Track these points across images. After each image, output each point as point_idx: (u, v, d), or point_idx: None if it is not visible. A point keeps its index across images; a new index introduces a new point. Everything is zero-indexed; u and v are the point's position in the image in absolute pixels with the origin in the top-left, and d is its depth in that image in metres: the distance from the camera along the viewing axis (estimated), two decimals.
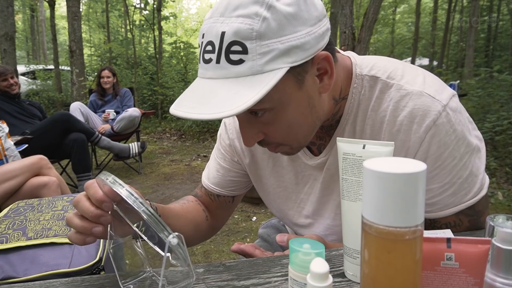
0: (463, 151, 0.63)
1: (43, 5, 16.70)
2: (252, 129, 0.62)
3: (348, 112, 0.68)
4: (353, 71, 0.68)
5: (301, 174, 0.78)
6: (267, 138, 0.63)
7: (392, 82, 0.65)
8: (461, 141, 0.63)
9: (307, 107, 0.61)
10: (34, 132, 3.01)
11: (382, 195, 0.37)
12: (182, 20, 21.72)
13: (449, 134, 0.62)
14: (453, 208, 0.66)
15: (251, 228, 2.72)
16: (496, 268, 0.43)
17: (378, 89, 0.66)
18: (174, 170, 4.42)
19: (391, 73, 0.66)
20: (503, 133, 4.25)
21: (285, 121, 0.60)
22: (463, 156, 0.63)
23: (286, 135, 0.62)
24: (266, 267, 0.59)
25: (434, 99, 0.62)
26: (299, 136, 0.64)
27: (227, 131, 0.84)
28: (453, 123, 0.62)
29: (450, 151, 0.62)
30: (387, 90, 0.65)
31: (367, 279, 0.40)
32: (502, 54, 9.68)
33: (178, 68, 9.04)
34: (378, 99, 0.66)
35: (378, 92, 0.66)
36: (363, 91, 0.67)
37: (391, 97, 0.64)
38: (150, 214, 0.47)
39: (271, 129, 0.61)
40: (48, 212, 1.24)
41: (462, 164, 0.63)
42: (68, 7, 6.75)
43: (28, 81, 9.47)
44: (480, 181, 0.66)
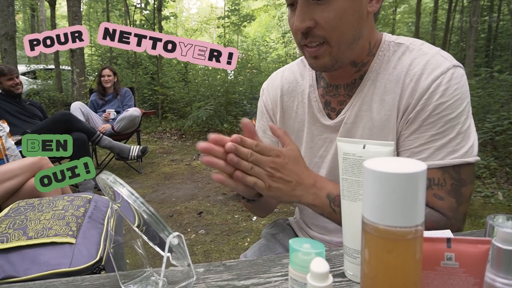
0: (462, 110, 0.69)
1: (44, 4, 16.70)
2: (307, 13, 0.69)
3: (371, 70, 0.77)
4: (383, 38, 0.79)
5: (317, 138, 0.84)
6: (317, 27, 0.70)
7: (413, 47, 0.75)
8: (462, 99, 0.70)
9: (357, 13, 0.70)
10: (35, 131, 3.02)
11: (382, 195, 0.37)
12: (183, 20, 21.73)
13: (453, 88, 0.69)
14: (439, 161, 0.70)
15: (251, 228, 2.72)
16: (496, 268, 0.43)
17: (401, 52, 0.76)
18: (175, 169, 4.42)
19: (413, 42, 0.76)
20: (503, 133, 4.25)
21: (338, 12, 0.68)
22: (461, 113, 0.69)
23: (334, 27, 0.69)
24: (266, 267, 0.59)
25: (446, 59, 0.71)
26: (342, 38, 0.71)
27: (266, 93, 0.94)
28: (459, 81, 0.69)
29: (450, 103, 0.69)
30: (407, 52, 0.75)
31: (367, 279, 0.40)
32: (503, 54, 9.67)
33: (179, 68, 9.04)
34: (399, 60, 0.75)
35: (400, 54, 0.75)
36: (388, 53, 0.77)
37: (411, 56, 0.74)
38: (150, 214, 0.47)
39: (324, 16, 0.69)
40: (48, 212, 1.24)
41: (457, 119, 0.69)
42: (69, 7, 6.75)
43: (28, 80, 9.47)
44: (469, 146, 0.70)
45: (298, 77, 0.89)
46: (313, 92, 0.85)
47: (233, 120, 6.85)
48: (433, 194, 0.70)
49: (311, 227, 0.94)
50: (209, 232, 2.66)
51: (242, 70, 8.63)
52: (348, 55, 0.74)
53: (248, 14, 11.36)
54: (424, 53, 0.72)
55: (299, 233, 0.99)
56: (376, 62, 0.77)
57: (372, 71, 0.77)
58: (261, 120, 0.96)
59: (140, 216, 0.50)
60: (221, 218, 2.91)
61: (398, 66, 0.74)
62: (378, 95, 0.75)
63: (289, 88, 0.90)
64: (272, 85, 0.93)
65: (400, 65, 0.74)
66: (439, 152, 0.70)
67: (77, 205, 1.32)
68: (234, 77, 8.40)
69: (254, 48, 11.86)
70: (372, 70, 0.77)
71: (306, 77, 0.88)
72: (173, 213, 3.01)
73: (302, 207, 0.93)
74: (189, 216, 2.96)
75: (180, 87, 8.04)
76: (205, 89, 7.58)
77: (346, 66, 0.77)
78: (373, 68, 0.77)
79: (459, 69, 0.70)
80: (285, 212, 3.04)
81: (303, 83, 0.88)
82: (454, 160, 0.69)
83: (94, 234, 1.19)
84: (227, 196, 3.43)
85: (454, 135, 0.69)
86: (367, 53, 0.77)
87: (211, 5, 19.14)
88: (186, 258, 0.49)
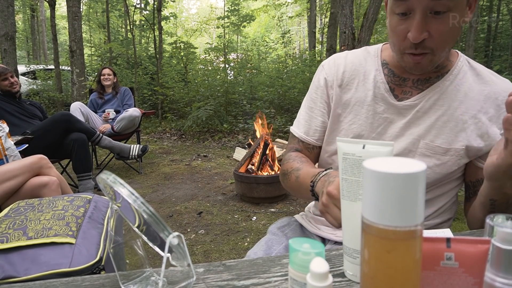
0: None
1: (44, 5, 16.70)
2: (424, 26, 0.75)
3: (452, 73, 0.86)
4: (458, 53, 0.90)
5: (378, 116, 0.89)
6: (429, 39, 0.77)
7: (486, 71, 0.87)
8: None
9: (459, 22, 0.76)
10: (34, 132, 3.01)
11: (382, 195, 0.37)
12: (182, 20, 21.73)
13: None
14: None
15: (251, 228, 2.73)
16: (495, 267, 0.43)
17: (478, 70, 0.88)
18: (174, 170, 4.42)
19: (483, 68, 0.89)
20: None
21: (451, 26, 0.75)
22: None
23: (445, 40, 0.77)
24: (266, 267, 0.59)
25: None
26: (446, 46, 0.79)
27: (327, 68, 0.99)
28: None
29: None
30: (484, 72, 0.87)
31: (367, 279, 0.40)
32: (502, 54, 9.66)
33: (178, 68, 9.04)
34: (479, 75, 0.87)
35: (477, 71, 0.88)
36: (465, 66, 0.87)
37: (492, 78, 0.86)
38: (150, 214, 0.47)
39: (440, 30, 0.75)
40: (48, 212, 1.24)
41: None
42: (69, 7, 6.75)
43: (28, 81, 9.47)
44: None
45: (362, 60, 0.96)
46: (379, 75, 0.91)
47: (232, 120, 6.85)
48: None
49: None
50: (209, 232, 2.66)
51: (241, 70, 8.64)
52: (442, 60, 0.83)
53: (248, 14, 11.36)
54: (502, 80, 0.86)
55: (308, 226, 1.00)
56: (456, 69, 0.86)
57: (452, 74, 0.86)
58: (315, 94, 1.01)
59: (140, 216, 0.50)
60: (221, 218, 2.91)
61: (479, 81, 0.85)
62: (459, 97, 0.84)
63: (352, 67, 0.96)
64: (334, 62, 0.99)
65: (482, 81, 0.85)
66: None
67: (77, 205, 1.32)
68: (233, 77, 8.40)
69: (253, 48, 11.87)
70: (453, 73, 0.86)
71: (370, 62, 0.95)
72: (173, 213, 3.01)
73: None
74: (189, 216, 2.96)
75: (179, 87, 8.04)
76: (204, 89, 7.59)
77: None
78: (453, 72, 0.86)
79: None
80: (285, 212, 3.04)
81: (367, 66, 0.94)
82: None
83: (94, 234, 1.19)
84: (227, 196, 3.43)
85: None
86: (446, 57, 0.85)
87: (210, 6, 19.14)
88: (186, 258, 0.49)
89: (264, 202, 3.19)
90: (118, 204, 0.53)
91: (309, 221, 1.01)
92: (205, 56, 10.06)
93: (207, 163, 4.76)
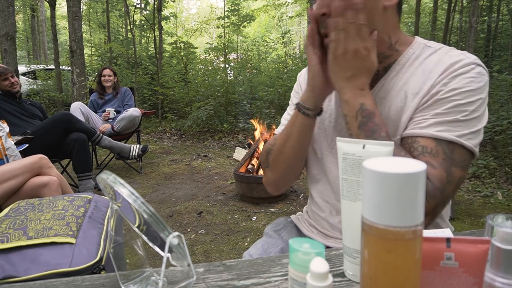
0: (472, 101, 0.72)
1: (44, 5, 16.71)
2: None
3: (398, 63, 0.82)
4: (414, 40, 0.84)
5: (341, 118, 0.88)
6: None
7: (441, 51, 0.79)
8: (476, 92, 0.72)
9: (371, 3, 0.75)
10: (35, 132, 3.01)
11: (382, 195, 0.37)
12: (183, 20, 21.72)
13: (469, 80, 0.72)
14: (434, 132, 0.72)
15: (251, 227, 2.73)
16: (495, 267, 0.43)
17: (428, 53, 0.80)
18: (175, 169, 4.42)
19: (443, 47, 0.80)
20: (502, 133, 4.25)
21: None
22: (471, 103, 0.72)
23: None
24: (266, 267, 0.59)
25: (469, 58, 0.75)
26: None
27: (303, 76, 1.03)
28: (476, 77, 0.73)
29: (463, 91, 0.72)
30: (435, 54, 0.79)
31: (367, 279, 0.40)
32: (502, 54, 9.67)
33: (179, 68, 9.03)
34: (426, 59, 0.80)
35: (427, 54, 0.80)
36: (417, 52, 0.82)
37: (438, 57, 0.78)
38: (150, 213, 0.48)
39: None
40: (48, 212, 1.24)
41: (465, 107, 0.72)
42: (69, 7, 6.75)
43: (28, 81, 9.47)
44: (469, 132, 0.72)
45: None
46: None
47: (233, 120, 6.85)
48: (426, 161, 0.71)
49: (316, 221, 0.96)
50: (209, 232, 2.66)
51: (242, 70, 8.63)
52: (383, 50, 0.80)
53: (248, 14, 11.35)
54: (452, 55, 0.77)
55: (303, 228, 1.00)
56: (405, 57, 0.82)
57: (398, 64, 0.82)
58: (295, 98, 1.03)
59: (140, 216, 0.50)
60: (221, 218, 2.91)
61: (424, 64, 0.79)
62: (399, 85, 0.80)
63: None
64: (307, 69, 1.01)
65: (425, 63, 0.79)
66: (437, 125, 0.72)
67: (77, 205, 1.32)
68: (234, 77, 8.40)
69: (253, 48, 11.87)
70: (400, 63, 0.82)
71: None
72: (173, 213, 3.01)
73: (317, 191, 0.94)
74: (189, 216, 2.96)
75: (180, 87, 8.04)
76: (205, 89, 7.58)
77: None
78: (400, 62, 0.82)
79: (479, 68, 0.74)
80: (285, 212, 3.04)
81: None
82: (448, 135, 0.71)
83: (94, 234, 1.19)
84: (227, 196, 3.43)
85: (457, 117, 0.72)
86: (388, 46, 0.82)
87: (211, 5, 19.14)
88: (186, 258, 0.49)
89: (264, 202, 3.19)
90: (118, 204, 0.53)
91: (304, 223, 1.01)
92: (205, 56, 10.05)
93: (207, 163, 4.76)
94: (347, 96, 0.75)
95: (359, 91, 0.74)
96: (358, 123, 0.74)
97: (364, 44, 0.73)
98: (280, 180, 0.96)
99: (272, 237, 1.00)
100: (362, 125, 0.73)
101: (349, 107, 0.75)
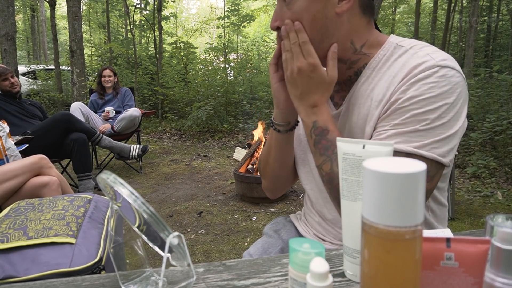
0: (434, 108, 0.67)
1: (44, 5, 16.70)
2: (279, 15, 0.77)
3: (369, 67, 0.78)
4: (387, 40, 0.80)
5: None
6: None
7: (411, 50, 0.75)
8: (438, 98, 0.68)
9: (320, 12, 0.73)
10: (35, 132, 3.01)
11: (382, 195, 0.37)
12: (183, 20, 21.72)
13: (429, 86, 0.68)
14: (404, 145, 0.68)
15: (251, 227, 2.73)
16: (495, 267, 0.43)
17: (398, 54, 0.76)
18: (175, 170, 4.42)
19: (415, 46, 0.75)
20: (502, 133, 4.25)
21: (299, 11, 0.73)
22: (432, 111, 0.68)
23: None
24: (266, 266, 0.59)
25: (433, 59, 0.70)
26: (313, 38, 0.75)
27: None
28: (439, 81, 0.68)
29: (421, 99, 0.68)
30: (404, 55, 0.75)
31: (366, 279, 0.40)
32: (502, 54, 9.67)
33: (179, 68, 9.03)
34: (395, 61, 0.76)
35: (396, 56, 0.76)
36: (387, 54, 0.78)
37: (405, 58, 0.74)
38: (151, 213, 0.48)
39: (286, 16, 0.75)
40: (48, 212, 1.24)
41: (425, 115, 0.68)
42: (69, 7, 6.75)
43: (28, 81, 9.48)
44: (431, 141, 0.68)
45: None
46: None
47: (233, 120, 6.85)
48: None
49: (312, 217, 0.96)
50: (209, 232, 2.66)
51: (242, 70, 8.63)
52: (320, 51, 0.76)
53: (248, 14, 11.35)
54: (417, 56, 0.72)
55: (300, 228, 1.00)
56: (375, 60, 0.78)
57: (369, 68, 0.78)
58: None
59: (140, 216, 0.50)
60: (221, 218, 2.91)
61: (392, 67, 0.75)
62: (367, 91, 0.77)
63: None
64: None
65: (394, 66, 0.75)
66: (395, 137, 0.69)
67: (77, 205, 1.32)
68: (234, 77, 8.40)
69: (253, 48, 11.86)
70: (370, 67, 0.78)
71: None
72: (173, 213, 3.01)
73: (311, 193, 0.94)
74: (189, 216, 2.96)
75: (180, 87, 8.04)
76: (205, 89, 7.58)
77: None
78: (370, 65, 0.78)
79: (445, 70, 0.69)
80: (285, 212, 3.04)
81: None
82: (405, 147, 0.68)
83: (94, 234, 1.19)
84: (227, 196, 3.43)
85: (416, 127, 0.68)
86: (353, 52, 0.79)
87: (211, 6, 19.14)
88: (186, 258, 0.49)
89: (264, 202, 3.19)
90: (118, 204, 0.53)
91: (301, 223, 1.01)
92: (205, 56, 10.06)
93: (207, 163, 4.76)
94: (302, 115, 0.77)
95: (311, 109, 0.75)
96: (313, 141, 0.76)
97: (308, 61, 0.73)
98: (273, 186, 1.00)
99: (271, 237, 1.00)
100: (316, 143, 0.75)
101: (304, 126, 0.77)
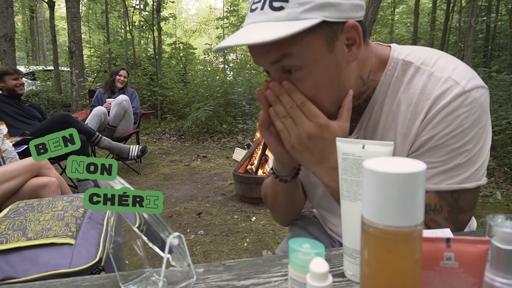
0: (470, 138, 0.64)
1: (43, 6, 16.69)
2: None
3: (379, 92, 0.72)
4: (390, 55, 0.73)
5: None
6: None
7: (424, 69, 0.68)
8: (472, 127, 0.64)
9: (335, 71, 0.65)
10: (34, 133, 3.01)
11: (381, 195, 0.37)
12: (182, 21, 21.72)
13: (462, 118, 0.64)
14: (434, 186, 0.66)
15: (251, 228, 2.72)
16: (495, 268, 0.44)
17: (410, 74, 0.70)
18: (174, 170, 4.42)
19: (425, 61, 0.69)
20: (501, 133, 4.25)
21: (314, 81, 0.65)
22: (469, 141, 0.65)
23: (313, 96, 0.66)
24: (266, 267, 0.59)
25: (458, 84, 0.64)
26: (325, 101, 0.67)
27: None
28: (470, 108, 0.64)
29: (456, 133, 0.64)
30: (418, 75, 0.69)
31: (366, 279, 0.40)
32: (501, 54, 9.68)
33: (178, 69, 9.03)
34: (409, 82, 0.69)
35: (409, 76, 0.70)
36: (396, 74, 0.71)
37: (422, 81, 0.68)
38: (151, 213, 0.48)
39: (301, 88, 0.65)
40: (48, 213, 1.24)
41: (463, 148, 0.65)
42: (68, 8, 6.75)
43: (27, 82, 9.48)
44: (472, 171, 0.66)
45: None
46: None
47: (232, 120, 6.85)
48: (430, 220, 0.67)
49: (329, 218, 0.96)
50: (209, 232, 2.66)
51: (241, 71, 8.63)
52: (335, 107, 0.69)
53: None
54: (436, 80, 0.66)
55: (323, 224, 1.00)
56: (384, 84, 0.72)
57: (379, 93, 0.72)
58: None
59: (140, 216, 0.50)
60: (220, 219, 2.91)
61: (408, 91, 0.69)
62: (388, 120, 0.72)
63: None
64: None
65: (410, 90, 0.69)
66: (436, 177, 0.66)
67: (77, 206, 1.32)
68: (233, 78, 8.40)
69: None
70: (380, 92, 0.72)
71: None
72: (173, 214, 3.01)
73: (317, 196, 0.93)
74: (188, 217, 2.96)
75: (179, 88, 8.04)
76: (204, 90, 7.58)
77: None
78: (380, 90, 0.72)
79: (472, 93, 0.64)
80: None
81: None
82: (450, 186, 0.66)
83: (93, 234, 1.19)
84: (226, 197, 3.43)
85: (456, 163, 0.65)
86: (362, 85, 0.73)
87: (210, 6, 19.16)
88: (186, 259, 0.49)
89: (264, 202, 3.19)
90: None
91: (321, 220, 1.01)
92: (204, 56, 10.06)
93: (207, 163, 4.76)
94: (325, 179, 0.68)
95: (335, 171, 0.63)
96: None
97: (316, 123, 0.64)
98: (285, 217, 0.99)
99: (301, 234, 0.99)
100: None
101: (332, 189, 0.68)
